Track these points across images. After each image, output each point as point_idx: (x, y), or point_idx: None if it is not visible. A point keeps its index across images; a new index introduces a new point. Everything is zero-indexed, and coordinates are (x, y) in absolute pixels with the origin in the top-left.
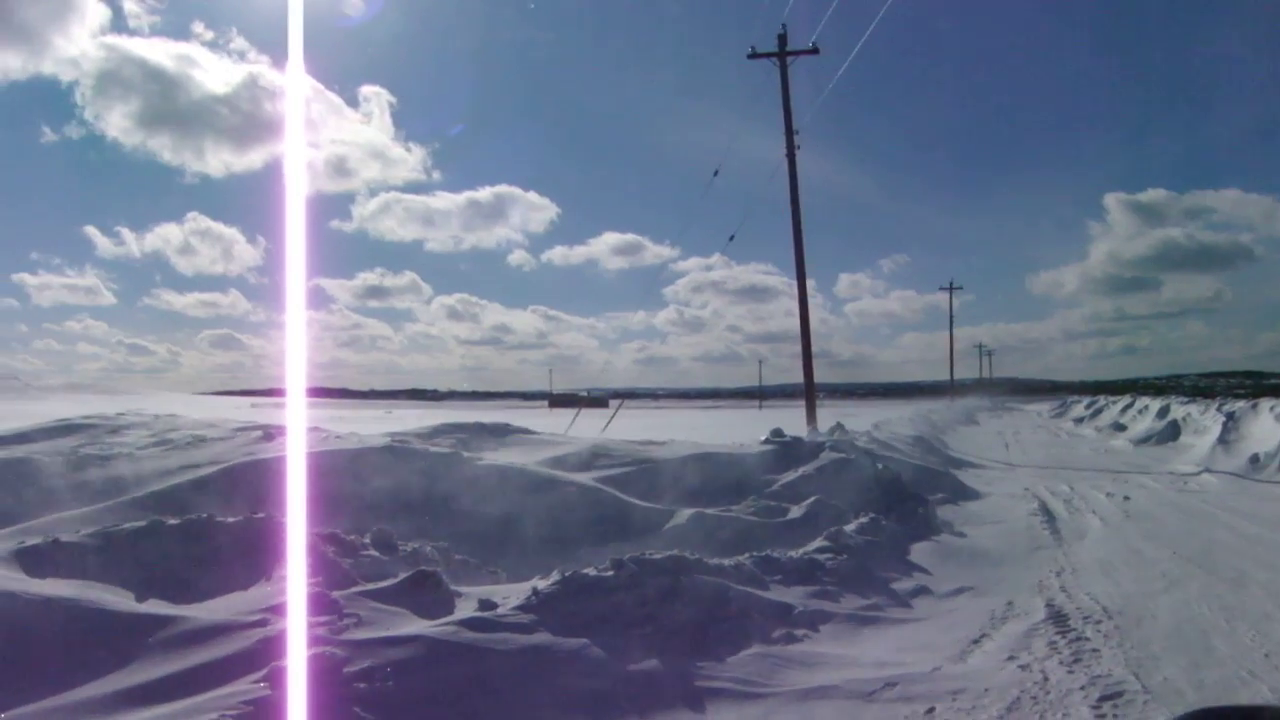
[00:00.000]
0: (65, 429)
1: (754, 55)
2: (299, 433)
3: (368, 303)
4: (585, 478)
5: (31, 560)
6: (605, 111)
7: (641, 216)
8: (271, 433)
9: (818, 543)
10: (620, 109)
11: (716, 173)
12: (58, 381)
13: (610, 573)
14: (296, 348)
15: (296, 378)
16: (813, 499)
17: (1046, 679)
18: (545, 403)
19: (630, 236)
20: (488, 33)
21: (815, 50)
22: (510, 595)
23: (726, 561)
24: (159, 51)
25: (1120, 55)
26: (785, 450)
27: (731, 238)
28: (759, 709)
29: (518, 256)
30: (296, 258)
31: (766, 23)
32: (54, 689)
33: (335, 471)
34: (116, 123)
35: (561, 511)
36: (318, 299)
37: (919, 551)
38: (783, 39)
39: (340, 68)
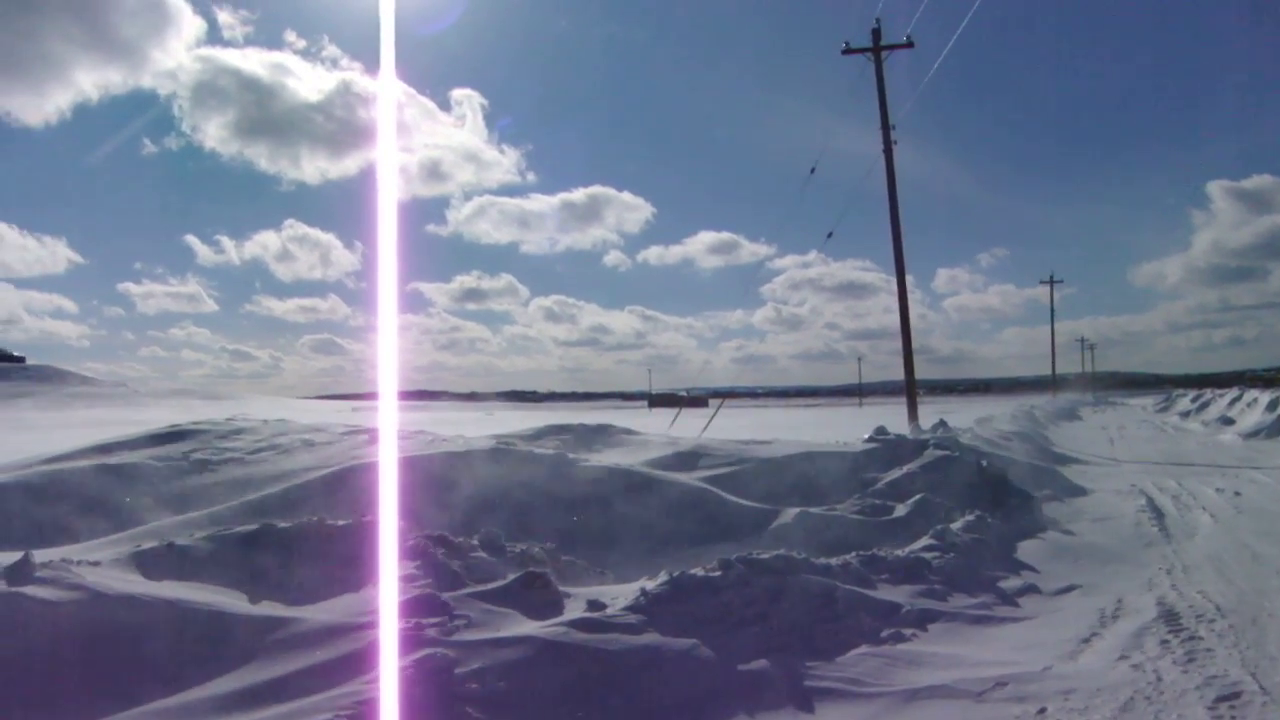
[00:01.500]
0: (177, 435)
1: (848, 51)
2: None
3: (465, 305)
4: (689, 478)
5: (148, 563)
6: (699, 110)
7: (737, 215)
8: (378, 436)
9: (924, 541)
10: (715, 107)
11: (813, 170)
12: (164, 388)
13: (718, 573)
14: (391, 351)
15: (391, 381)
16: (918, 497)
17: (1160, 679)
18: (645, 403)
19: (726, 235)
20: (579, 33)
21: (910, 44)
22: (619, 596)
23: (833, 561)
24: (253, 61)
25: (1219, 39)
26: (888, 448)
27: (830, 235)
28: (869, 709)
29: (614, 257)
30: (391, 262)
31: (861, 18)
32: (172, 689)
33: (442, 474)
34: (214, 133)
35: (666, 512)
36: (416, 303)
37: (1026, 549)
38: (877, 34)
39: (432, 72)
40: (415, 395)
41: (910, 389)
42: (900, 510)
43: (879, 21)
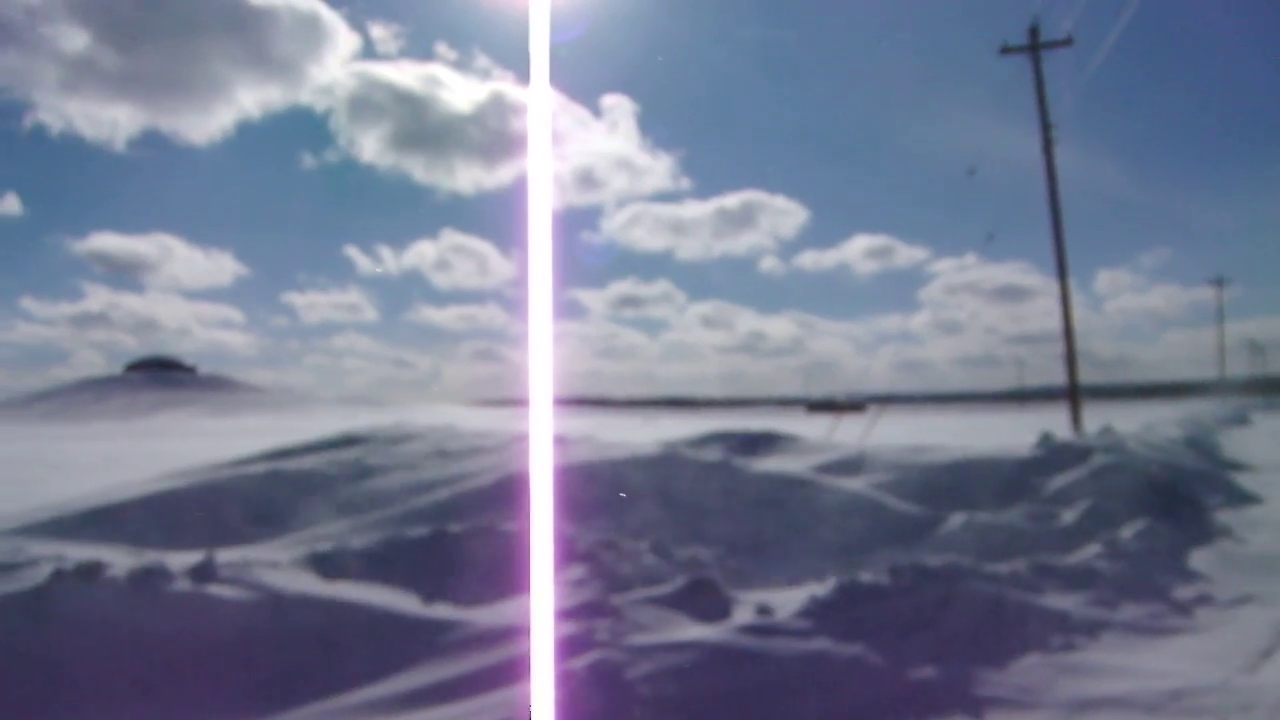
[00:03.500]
0: (348, 441)
1: (1006, 50)
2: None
3: (623, 312)
4: (854, 483)
5: (324, 565)
6: (852, 112)
7: (892, 218)
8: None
9: (1092, 549)
10: (868, 109)
11: (972, 171)
12: (329, 395)
13: (887, 579)
14: (546, 356)
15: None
16: (1085, 504)
17: None
18: (803, 409)
19: (881, 239)
20: (729, 36)
21: (1069, 41)
22: (787, 601)
23: (1001, 568)
24: (406, 74)
25: None
26: (1054, 454)
27: (990, 237)
28: (1040, 719)
29: (768, 263)
30: (545, 268)
31: (1017, 15)
32: (347, 688)
33: (610, 479)
34: (370, 146)
35: (832, 517)
36: (573, 310)
37: (1198, 558)
38: (1035, 32)
39: (581, 79)
40: (574, 402)
41: (1074, 394)
42: (1068, 517)
43: (1037, 19)
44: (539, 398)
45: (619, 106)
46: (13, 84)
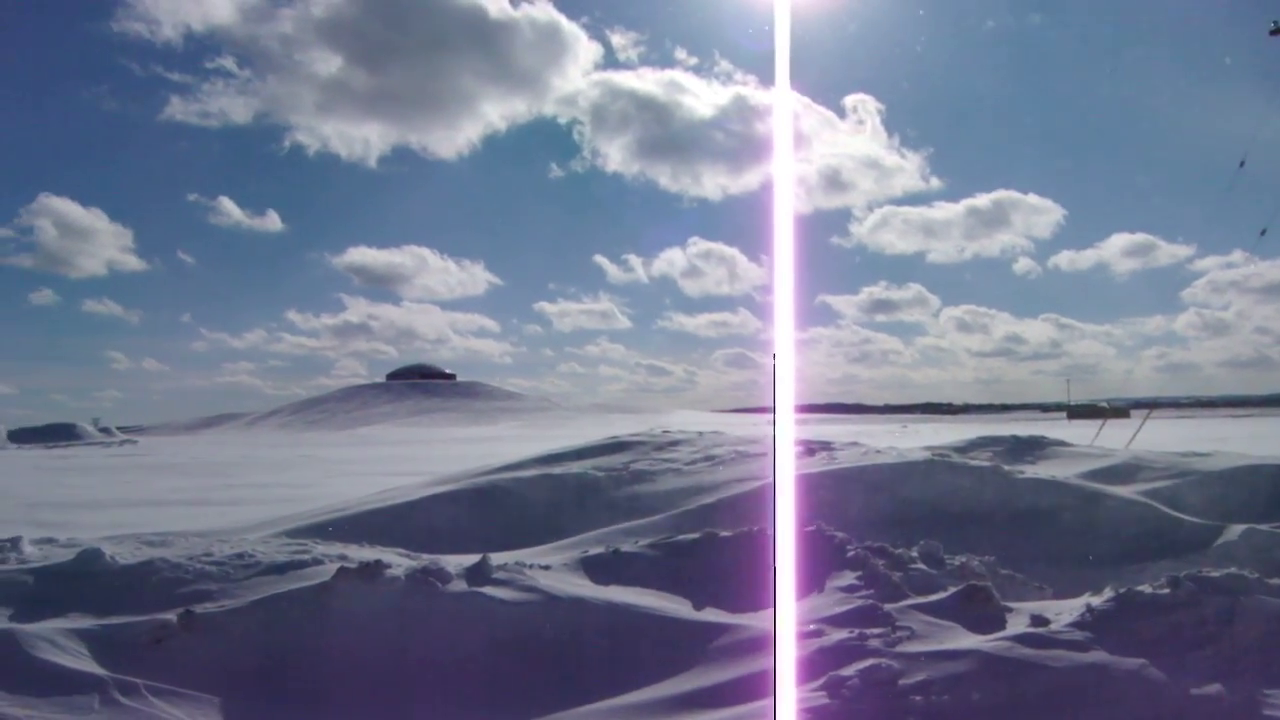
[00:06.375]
0: (616, 446)
1: (1276, 31)
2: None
3: (875, 317)
4: (1127, 491)
5: (595, 568)
6: (1107, 102)
7: (1152, 214)
8: (813, 448)
9: None
10: (1124, 98)
11: (1243, 163)
12: (585, 402)
13: (1166, 590)
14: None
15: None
16: None
17: None
18: (1063, 414)
19: (1140, 236)
20: (974, 27)
21: None
22: (1061, 612)
23: None
24: (648, 81)
25: None
26: None
27: (1263, 232)
28: None
29: (1023, 264)
30: (789, 274)
31: None
32: (620, 689)
33: (878, 485)
34: (615, 155)
35: (1105, 526)
36: (825, 315)
37: None
38: None
39: (822, 79)
40: (831, 408)
41: None
42: None
43: None
44: (783, 403)
45: (863, 105)
46: (272, 109)
